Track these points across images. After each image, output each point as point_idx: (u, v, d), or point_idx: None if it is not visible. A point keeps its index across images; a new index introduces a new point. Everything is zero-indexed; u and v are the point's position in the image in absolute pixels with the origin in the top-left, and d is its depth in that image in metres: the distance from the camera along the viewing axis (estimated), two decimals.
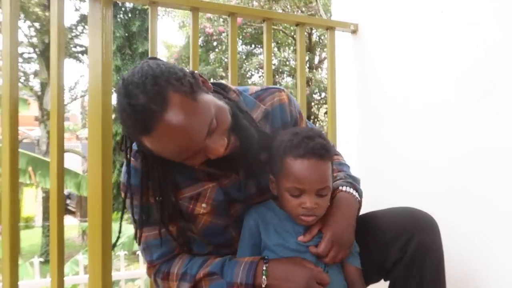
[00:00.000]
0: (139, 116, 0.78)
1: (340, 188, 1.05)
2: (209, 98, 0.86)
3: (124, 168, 0.98)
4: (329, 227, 0.97)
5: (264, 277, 0.91)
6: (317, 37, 8.24)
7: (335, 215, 0.99)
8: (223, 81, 1.07)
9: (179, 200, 1.00)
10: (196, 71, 0.91)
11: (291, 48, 8.40)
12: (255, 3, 7.15)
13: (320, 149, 0.93)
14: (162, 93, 0.78)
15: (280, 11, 7.50)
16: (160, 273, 1.02)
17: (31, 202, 12.42)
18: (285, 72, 8.44)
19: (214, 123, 0.84)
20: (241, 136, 0.92)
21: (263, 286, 0.91)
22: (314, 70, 7.90)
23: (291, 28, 7.50)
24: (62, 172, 1.33)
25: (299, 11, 7.78)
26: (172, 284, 0.99)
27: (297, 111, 1.10)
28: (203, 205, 1.00)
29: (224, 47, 7.59)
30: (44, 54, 10.28)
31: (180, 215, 1.02)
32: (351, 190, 1.04)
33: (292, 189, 0.94)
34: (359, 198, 1.04)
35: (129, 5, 11.22)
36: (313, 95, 7.84)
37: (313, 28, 6.86)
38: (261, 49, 8.78)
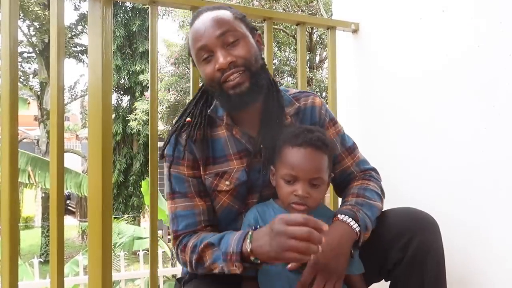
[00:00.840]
0: (195, 13, 1.10)
1: (338, 216, 1.02)
2: (247, 35, 1.06)
3: (168, 140, 1.11)
4: None
5: (248, 241, 0.91)
6: (318, 37, 8.24)
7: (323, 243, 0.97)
8: None
9: (205, 176, 1.09)
10: (259, 31, 1.14)
11: (292, 47, 8.40)
12: (256, 3, 7.14)
13: (317, 140, 1.00)
14: (220, 7, 1.08)
15: (281, 10, 7.50)
16: (181, 245, 1.06)
17: (31, 202, 12.42)
18: (286, 72, 8.44)
19: (231, 39, 1.02)
20: (263, 99, 1.09)
21: (248, 250, 0.90)
22: (315, 70, 7.91)
23: (292, 27, 7.50)
24: (62, 172, 1.32)
25: (300, 11, 7.78)
26: (186, 256, 1.04)
27: (328, 117, 1.20)
28: (227, 182, 1.09)
29: None
30: (43, 54, 10.27)
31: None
32: (349, 220, 1.00)
33: (287, 176, 1.00)
34: (357, 229, 0.99)
35: (129, 4, 11.22)
36: None
37: (314, 27, 6.86)
38: None
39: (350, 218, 1.00)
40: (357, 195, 1.09)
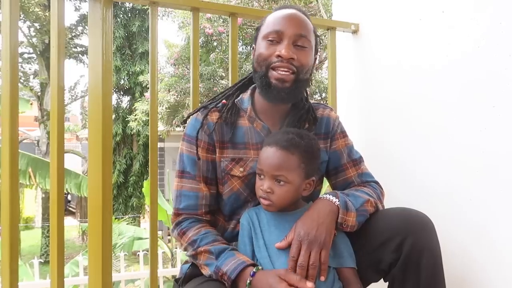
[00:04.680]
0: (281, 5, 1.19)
1: (319, 197, 1.09)
2: (313, 49, 1.15)
3: (189, 121, 1.19)
4: (295, 228, 1.02)
5: (248, 282, 0.97)
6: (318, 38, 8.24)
7: (303, 217, 1.03)
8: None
9: (222, 158, 1.15)
10: (318, 54, 1.22)
11: None
12: (255, 4, 7.15)
13: (285, 141, 1.05)
14: (307, 15, 1.17)
15: None
16: (179, 228, 1.13)
17: (31, 203, 12.41)
18: None
19: (301, 44, 1.10)
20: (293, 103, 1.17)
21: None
22: (315, 71, 7.90)
23: None
24: (62, 173, 1.32)
25: None
26: (183, 242, 1.11)
27: (340, 129, 1.27)
28: (241, 169, 1.15)
29: (224, 47, 7.58)
30: (44, 54, 10.27)
31: (217, 179, 1.17)
32: (329, 196, 1.07)
33: (257, 170, 1.08)
34: (336, 202, 1.05)
35: (128, 5, 11.21)
36: (314, 96, 7.85)
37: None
38: None
39: (330, 196, 1.07)
40: (346, 191, 1.16)
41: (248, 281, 0.97)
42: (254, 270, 0.98)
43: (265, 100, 1.15)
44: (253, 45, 1.19)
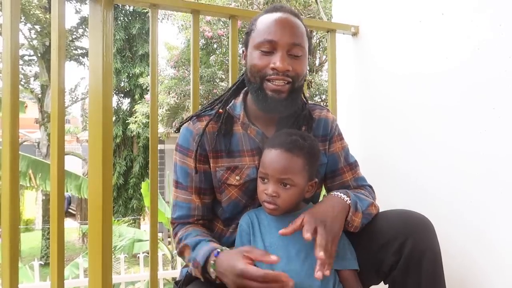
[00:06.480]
0: (278, 6, 1.13)
1: (330, 193, 1.09)
2: (306, 54, 1.11)
3: (181, 130, 1.17)
4: (306, 214, 0.98)
5: (212, 269, 0.97)
6: (317, 40, 8.24)
7: (316, 207, 1.02)
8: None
9: (217, 168, 1.13)
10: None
11: None
12: (255, 6, 7.16)
13: (289, 143, 1.03)
14: (299, 18, 1.13)
15: None
16: (174, 232, 1.17)
17: (31, 205, 12.40)
18: None
19: (296, 52, 1.07)
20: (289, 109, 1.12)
21: (213, 277, 0.97)
22: (315, 73, 7.91)
23: None
24: (63, 175, 1.32)
25: (300, 14, 7.76)
26: (176, 244, 1.14)
27: (337, 132, 1.26)
28: (237, 177, 1.13)
29: (224, 49, 7.59)
30: (44, 57, 10.28)
31: (211, 188, 1.15)
32: (340, 194, 1.06)
33: (261, 174, 1.05)
34: (348, 201, 1.04)
35: (129, 7, 11.23)
36: (314, 98, 7.84)
37: (314, 30, 6.86)
38: None
39: (342, 194, 1.06)
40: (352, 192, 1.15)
41: (212, 262, 0.96)
42: (218, 250, 0.97)
43: (261, 112, 1.13)
44: (243, 48, 1.17)
